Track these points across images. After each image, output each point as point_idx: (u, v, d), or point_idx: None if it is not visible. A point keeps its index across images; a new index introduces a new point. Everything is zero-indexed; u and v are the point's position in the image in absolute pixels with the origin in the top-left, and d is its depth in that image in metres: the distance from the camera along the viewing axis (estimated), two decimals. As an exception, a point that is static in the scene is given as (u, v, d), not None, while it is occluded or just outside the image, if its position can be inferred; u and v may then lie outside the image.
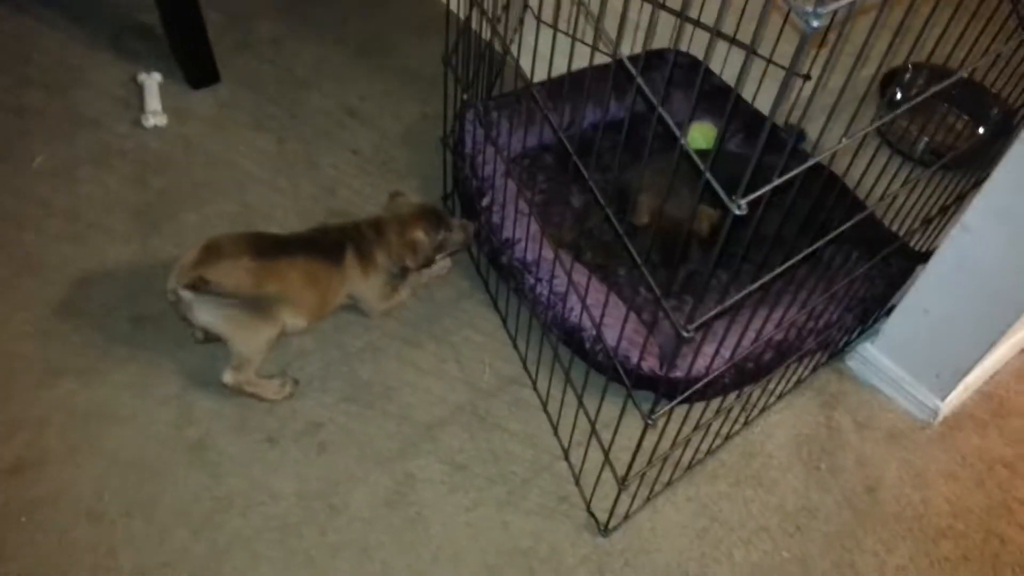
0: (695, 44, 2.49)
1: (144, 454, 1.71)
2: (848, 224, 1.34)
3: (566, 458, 1.77)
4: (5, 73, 2.41)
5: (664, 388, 1.72)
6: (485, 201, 2.00)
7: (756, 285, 1.20)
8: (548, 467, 1.76)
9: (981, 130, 2.52)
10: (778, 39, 2.37)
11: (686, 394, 1.38)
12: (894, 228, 1.82)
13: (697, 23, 2.41)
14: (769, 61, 2.38)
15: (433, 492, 1.71)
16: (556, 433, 1.81)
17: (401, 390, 1.86)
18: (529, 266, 1.88)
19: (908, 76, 2.59)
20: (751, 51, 1.00)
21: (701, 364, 1.63)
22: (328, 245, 1.84)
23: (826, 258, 1.94)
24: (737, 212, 0.95)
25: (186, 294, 1.66)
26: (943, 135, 2.50)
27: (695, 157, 1.03)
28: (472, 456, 1.76)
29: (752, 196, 0.96)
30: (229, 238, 1.74)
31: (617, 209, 1.99)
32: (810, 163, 1.05)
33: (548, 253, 1.87)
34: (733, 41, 2.43)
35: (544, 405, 1.84)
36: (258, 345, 1.73)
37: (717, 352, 1.46)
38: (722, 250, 1.04)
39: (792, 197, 1.13)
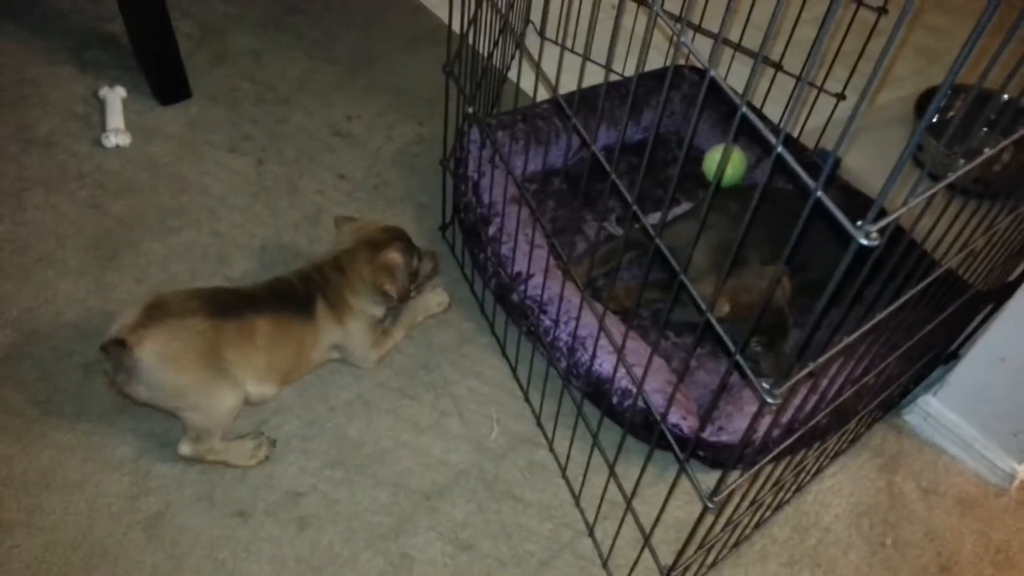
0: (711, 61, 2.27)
1: (92, 530, 1.43)
2: (937, 273, 1.10)
3: (590, 534, 1.50)
4: (-50, 87, 2.16)
5: (717, 455, 1.47)
6: (492, 230, 1.75)
7: (856, 334, 0.96)
8: (569, 545, 1.49)
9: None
10: (808, 58, 2.15)
11: (754, 469, 1.12)
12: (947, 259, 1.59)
13: (736, 43, 2.20)
14: (799, 79, 2.16)
15: (434, 577, 1.43)
16: (578, 504, 1.54)
17: (395, 452, 1.59)
18: (545, 306, 1.63)
19: (946, 98, 2.39)
20: (776, 67, 0.76)
21: (771, 428, 1.38)
22: (295, 297, 1.57)
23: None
24: (865, 242, 0.71)
25: (122, 361, 1.38)
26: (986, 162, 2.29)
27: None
28: (479, 532, 1.49)
29: (885, 221, 0.72)
30: (179, 294, 1.46)
31: (660, 266, 1.74)
32: (940, 186, 0.80)
33: (569, 292, 1.61)
34: (776, 65, 2.22)
35: (563, 470, 1.58)
36: (217, 418, 1.46)
37: (793, 418, 1.21)
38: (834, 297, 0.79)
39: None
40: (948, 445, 1.70)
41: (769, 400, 0.89)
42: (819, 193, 0.75)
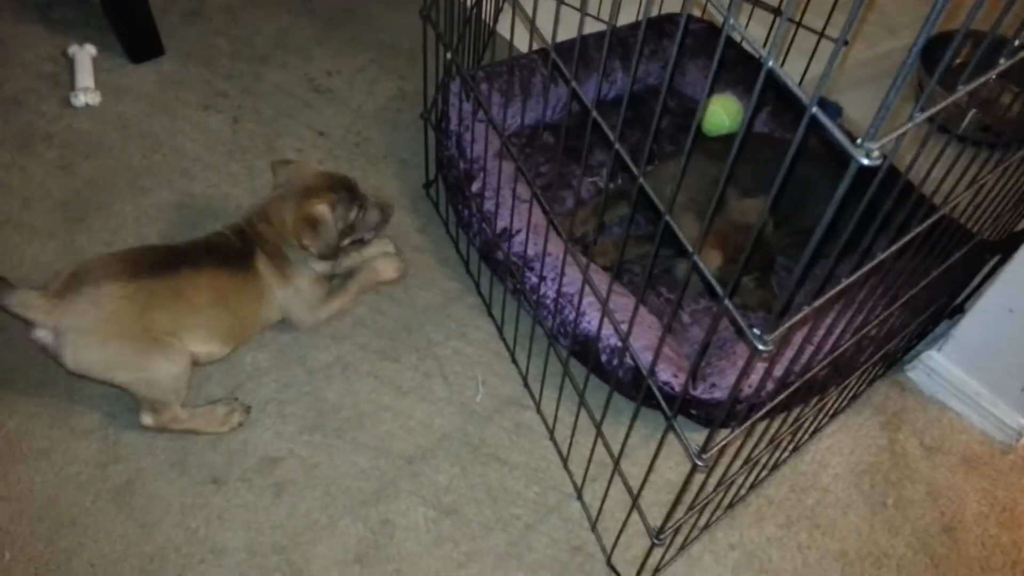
0: (709, 10, 2.18)
1: (59, 499, 1.38)
2: (931, 220, 1.03)
3: (579, 497, 1.44)
4: (-88, 46, 2.07)
5: (709, 412, 1.40)
6: (476, 186, 1.68)
7: (849, 280, 0.88)
8: (557, 509, 1.43)
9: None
10: (808, 1, 2.06)
11: (746, 425, 1.06)
12: (956, 215, 1.51)
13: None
14: (799, 24, 2.07)
15: (416, 543, 1.37)
16: (566, 466, 1.48)
17: (376, 415, 1.52)
18: (531, 262, 1.56)
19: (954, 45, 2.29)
20: (777, 13, 0.68)
21: (748, 383, 1.31)
22: (232, 252, 1.46)
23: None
24: (866, 162, 0.63)
25: (41, 334, 1.31)
26: (987, 107, 2.20)
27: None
28: (464, 496, 1.43)
29: (887, 138, 0.65)
30: (102, 258, 1.36)
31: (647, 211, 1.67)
32: (942, 106, 0.73)
33: (555, 247, 1.54)
34: (756, 3, 2.12)
35: (550, 432, 1.52)
36: (164, 387, 1.37)
37: (787, 371, 1.13)
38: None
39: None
40: (953, 402, 1.63)
41: (760, 347, 0.82)
42: (814, 109, 0.67)
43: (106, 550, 1.33)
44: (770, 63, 0.72)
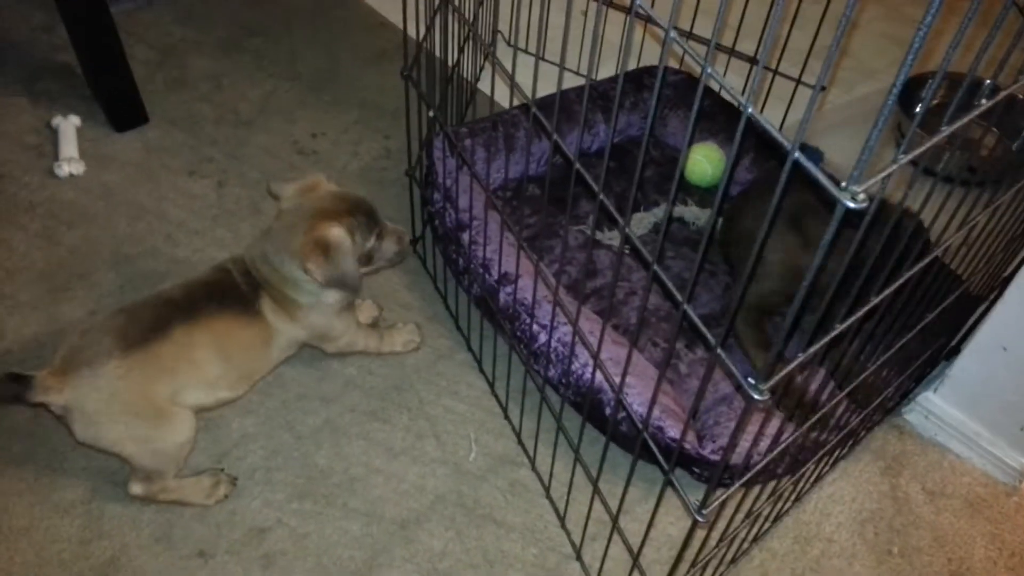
0: (687, 61, 2.21)
1: (40, 579, 1.33)
2: (918, 267, 1.02)
3: (578, 558, 1.40)
4: None
5: (706, 471, 1.38)
6: (467, 236, 1.66)
7: (849, 322, 0.87)
8: (556, 570, 1.39)
9: (1015, 146, 2.24)
10: (783, 49, 2.10)
11: (746, 477, 1.03)
12: (946, 257, 1.51)
13: (690, 35, 2.14)
14: (775, 72, 2.11)
15: (411, 612, 1.33)
16: (563, 525, 1.44)
17: (367, 479, 1.49)
18: (530, 308, 1.53)
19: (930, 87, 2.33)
20: (753, 62, 0.69)
21: (760, 448, 1.29)
22: (234, 292, 1.37)
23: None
24: (852, 205, 0.62)
25: (55, 408, 1.28)
26: (971, 149, 2.23)
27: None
28: (460, 561, 1.39)
29: (873, 181, 0.64)
30: (94, 332, 1.28)
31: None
32: (928, 145, 0.73)
33: (549, 293, 1.52)
34: (732, 52, 2.16)
35: (547, 489, 1.48)
36: (168, 456, 1.34)
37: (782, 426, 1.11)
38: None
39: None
40: (952, 443, 1.61)
41: (756, 396, 0.80)
42: (796, 155, 0.67)
43: (89, 632, 1.28)
44: (749, 110, 0.72)
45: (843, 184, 0.63)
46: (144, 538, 1.38)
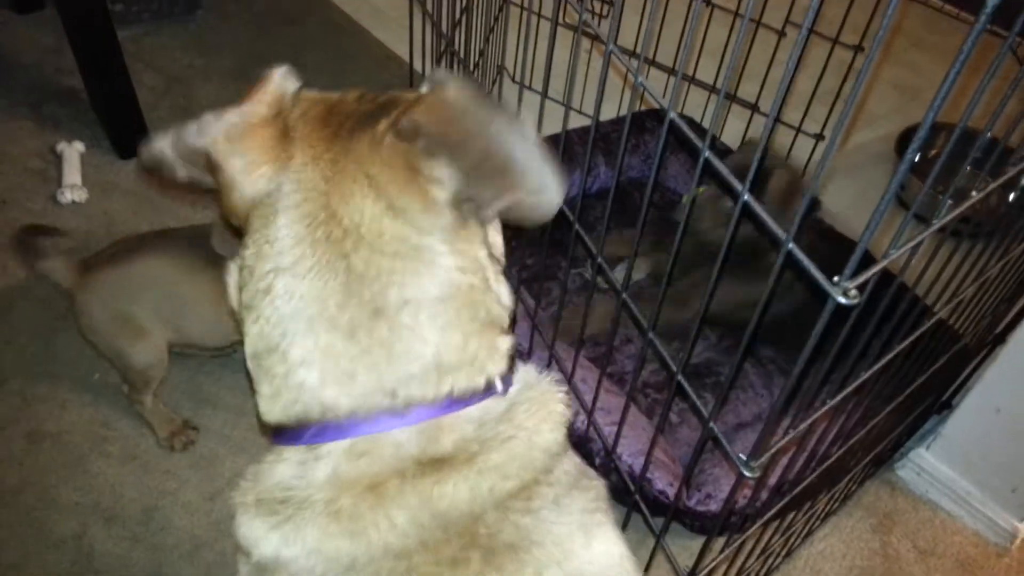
0: (689, 106, 2.23)
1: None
2: (921, 330, 1.03)
3: (567, 608, 1.40)
4: (-95, 144, 2.09)
5: (702, 523, 1.38)
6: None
7: (836, 400, 0.88)
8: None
9: (1011, 196, 2.26)
10: (785, 97, 2.11)
11: (737, 542, 1.03)
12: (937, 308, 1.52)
13: (692, 79, 2.16)
14: (777, 120, 2.12)
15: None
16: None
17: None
18: (523, 355, 1.54)
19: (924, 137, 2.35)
20: (753, 108, 0.71)
21: (743, 493, 1.29)
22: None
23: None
24: (844, 301, 0.63)
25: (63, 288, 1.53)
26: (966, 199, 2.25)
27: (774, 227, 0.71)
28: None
29: (864, 277, 0.65)
30: (108, 251, 1.53)
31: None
32: (927, 233, 0.74)
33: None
34: (752, 106, 2.17)
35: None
36: (135, 372, 1.49)
37: (779, 483, 1.12)
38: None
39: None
40: (944, 502, 1.61)
41: (746, 473, 0.81)
42: (790, 245, 0.67)
43: (73, 671, 1.28)
44: (744, 196, 0.73)
45: (835, 279, 0.64)
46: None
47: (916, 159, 2.30)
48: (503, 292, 0.72)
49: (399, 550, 0.64)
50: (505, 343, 0.71)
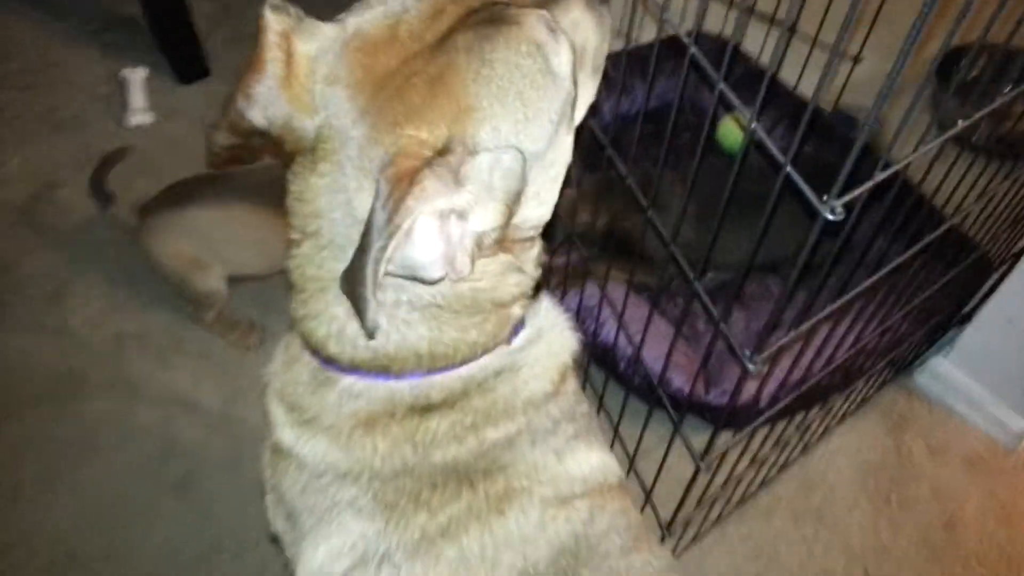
0: (729, 29, 2.25)
1: (128, 489, 1.53)
2: (935, 235, 1.11)
3: (599, 494, 1.55)
4: (-18, 71, 2.23)
5: (717, 416, 1.50)
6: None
7: (836, 304, 0.98)
8: (578, 505, 1.54)
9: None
10: (824, 16, 2.13)
11: (746, 430, 1.16)
12: (963, 226, 1.59)
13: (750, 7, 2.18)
14: (814, 42, 2.14)
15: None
16: (587, 465, 1.59)
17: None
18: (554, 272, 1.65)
19: (968, 59, 2.34)
20: (790, 30, 0.78)
21: (761, 390, 1.40)
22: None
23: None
24: (831, 217, 0.73)
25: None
26: (1003, 119, 2.25)
27: (774, 149, 0.80)
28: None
29: (852, 195, 0.74)
30: (167, 192, 1.69)
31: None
32: (902, 164, 0.82)
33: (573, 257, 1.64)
34: (773, 21, 2.19)
35: (572, 433, 1.62)
36: (197, 298, 1.67)
37: (785, 379, 1.23)
38: (806, 264, 0.81)
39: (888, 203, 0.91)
40: (958, 405, 1.71)
41: (751, 367, 0.92)
42: (788, 168, 0.77)
43: (170, 534, 1.47)
44: (753, 125, 0.82)
45: (824, 197, 0.73)
46: (214, 460, 1.56)
47: (957, 81, 2.30)
48: (526, 269, 0.76)
49: (387, 473, 0.75)
50: (518, 311, 0.77)
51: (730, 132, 2.04)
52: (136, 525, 1.48)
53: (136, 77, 2.20)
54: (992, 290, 1.71)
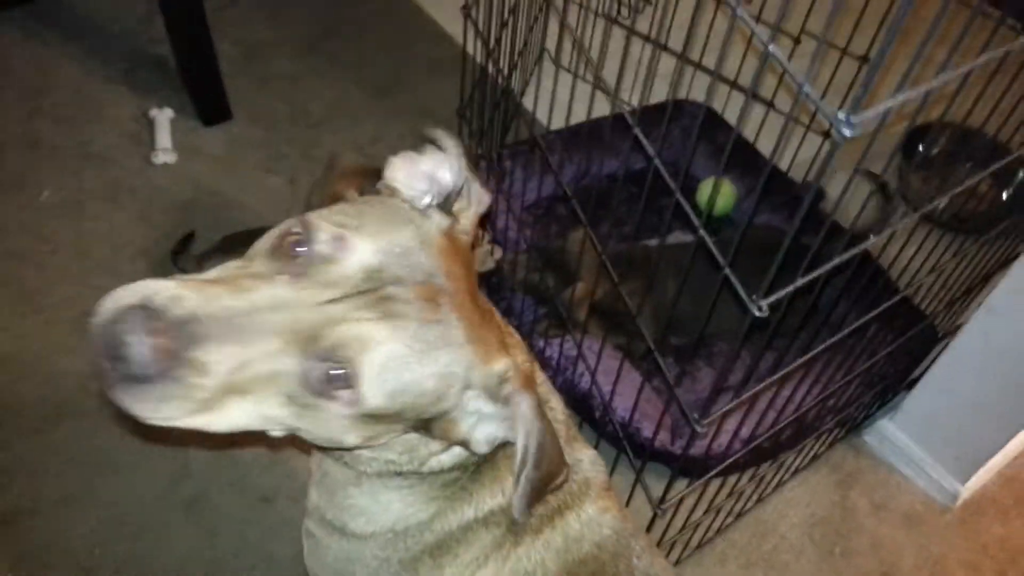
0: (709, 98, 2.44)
1: (141, 507, 1.66)
2: (885, 306, 1.28)
3: (569, 530, 1.70)
4: (20, 104, 2.39)
5: (677, 465, 1.66)
6: (498, 254, 1.95)
7: (775, 376, 1.14)
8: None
9: (1004, 195, 2.46)
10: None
11: (699, 481, 1.32)
12: (913, 297, 1.76)
13: (721, 78, 2.36)
14: (790, 117, 2.32)
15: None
16: (560, 503, 1.74)
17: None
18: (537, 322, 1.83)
19: (930, 136, 2.54)
20: (768, 104, 0.95)
21: (718, 443, 1.57)
22: None
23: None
24: (758, 314, 0.90)
25: None
26: (964, 197, 2.44)
27: (715, 252, 0.97)
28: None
29: (776, 297, 0.91)
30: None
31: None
32: (847, 256, 0.99)
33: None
34: (768, 103, 2.37)
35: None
36: None
37: (736, 432, 1.39)
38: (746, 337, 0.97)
39: (821, 284, 1.07)
40: (901, 465, 1.87)
41: (697, 428, 1.08)
42: (726, 271, 0.94)
43: (179, 551, 1.61)
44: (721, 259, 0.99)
45: (753, 297, 0.90)
46: (222, 483, 1.71)
47: (918, 157, 2.50)
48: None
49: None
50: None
51: (707, 195, 2.21)
52: (146, 542, 1.62)
53: (163, 117, 2.37)
54: (936, 359, 1.89)
